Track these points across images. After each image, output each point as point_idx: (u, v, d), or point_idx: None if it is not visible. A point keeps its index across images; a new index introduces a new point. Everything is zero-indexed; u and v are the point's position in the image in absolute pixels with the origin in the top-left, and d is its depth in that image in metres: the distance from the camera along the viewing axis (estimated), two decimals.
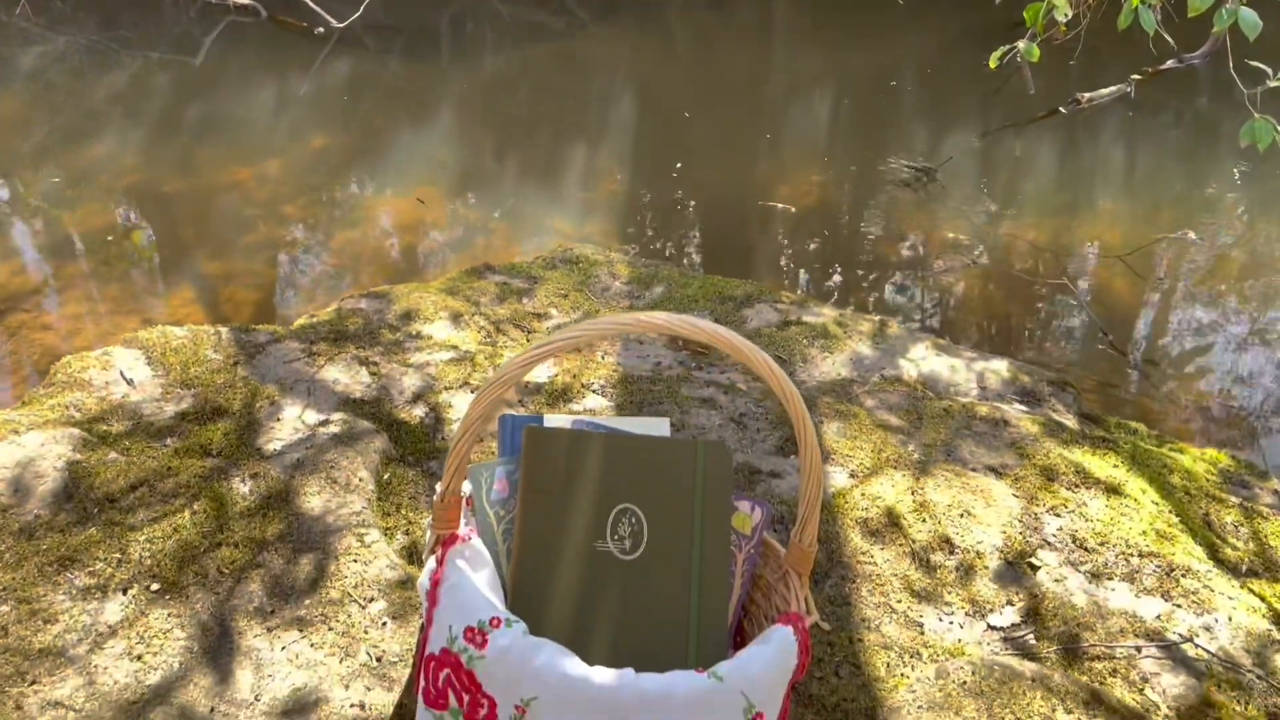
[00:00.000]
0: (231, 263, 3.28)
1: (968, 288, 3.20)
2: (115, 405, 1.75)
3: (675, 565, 1.22)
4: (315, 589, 1.41)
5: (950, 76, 4.77)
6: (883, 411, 2.04)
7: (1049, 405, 2.20)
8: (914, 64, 4.99)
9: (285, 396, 1.84)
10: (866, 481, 1.79)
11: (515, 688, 1.07)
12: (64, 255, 3.36)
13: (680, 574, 1.21)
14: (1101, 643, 1.49)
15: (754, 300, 2.53)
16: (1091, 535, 1.70)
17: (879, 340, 2.36)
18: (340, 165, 3.94)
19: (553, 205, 3.76)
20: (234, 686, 1.26)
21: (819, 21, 5.46)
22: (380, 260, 3.33)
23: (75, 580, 1.37)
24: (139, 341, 1.93)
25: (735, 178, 3.96)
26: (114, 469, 1.56)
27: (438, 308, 2.29)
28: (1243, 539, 1.83)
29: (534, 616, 1.15)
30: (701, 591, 1.21)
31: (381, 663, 1.32)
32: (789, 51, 5.32)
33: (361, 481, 1.64)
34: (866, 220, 3.63)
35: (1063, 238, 3.49)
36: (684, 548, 1.23)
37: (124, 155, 4.00)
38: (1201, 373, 2.90)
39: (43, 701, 1.21)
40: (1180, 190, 3.89)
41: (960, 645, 1.47)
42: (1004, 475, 1.85)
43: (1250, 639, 1.53)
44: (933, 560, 1.62)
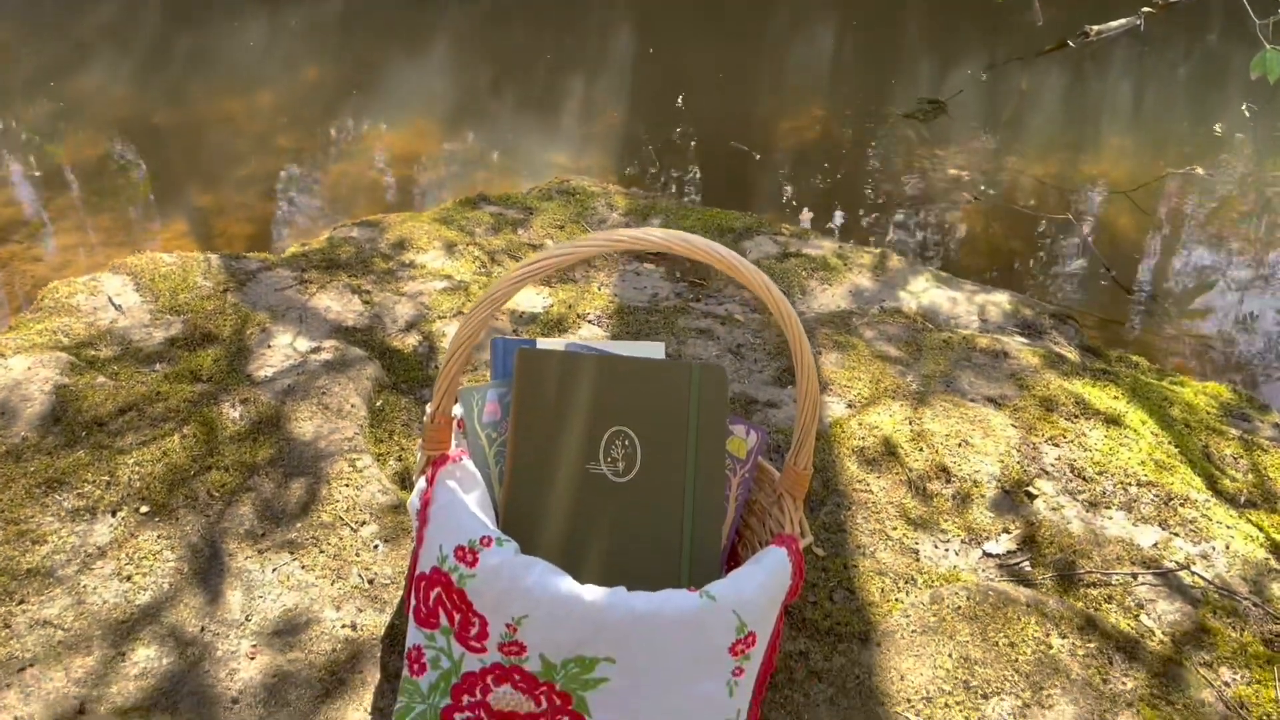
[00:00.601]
0: (224, 195, 3.24)
1: (971, 222, 3.16)
2: (103, 331, 1.72)
3: (669, 488, 1.20)
4: (306, 513, 1.40)
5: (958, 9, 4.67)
6: (882, 343, 2.01)
7: (1050, 338, 2.18)
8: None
9: (276, 324, 1.81)
10: (864, 411, 1.78)
11: (506, 606, 1.05)
12: (55, 187, 3.31)
13: (674, 496, 1.20)
14: (1097, 570, 1.48)
15: (753, 233, 2.49)
16: (1090, 465, 1.69)
17: (879, 272, 2.33)
18: (334, 98, 3.87)
19: (550, 139, 3.70)
20: (224, 607, 1.25)
21: None
22: (374, 193, 3.28)
23: (63, 502, 1.35)
24: (127, 268, 1.90)
25: (737, 111, 3.90)
26: (102, 393, 1.54)
27: (431, 237, 2.25)
28: (1242, 470, 1.81)
29: (525, 537, 1.14)
30: (695, 514, 1.20)
31: (373, 585, 1.31)
32: None
33: (354, 408, 1.62)
34: (870, 154, 3.57)
35: (1068, 173, 3.43)
36: (678, 470, 1.21)
37: (114, 87, 3.93)
38: (1205, 309, 2.87)
39: (31, 620, 1.20)
40: (1188, 126, 3.83)
41: (955, 572, 1.46)
42: (1003, 406, 1.83)
43: (1247, 567, 1.52)
44: (929, 489, 1.61)
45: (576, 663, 1.06)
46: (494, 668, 1.09)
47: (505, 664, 1.08)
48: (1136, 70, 4.25)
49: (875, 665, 1.30)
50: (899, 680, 1.28)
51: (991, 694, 1.27)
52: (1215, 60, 4.42)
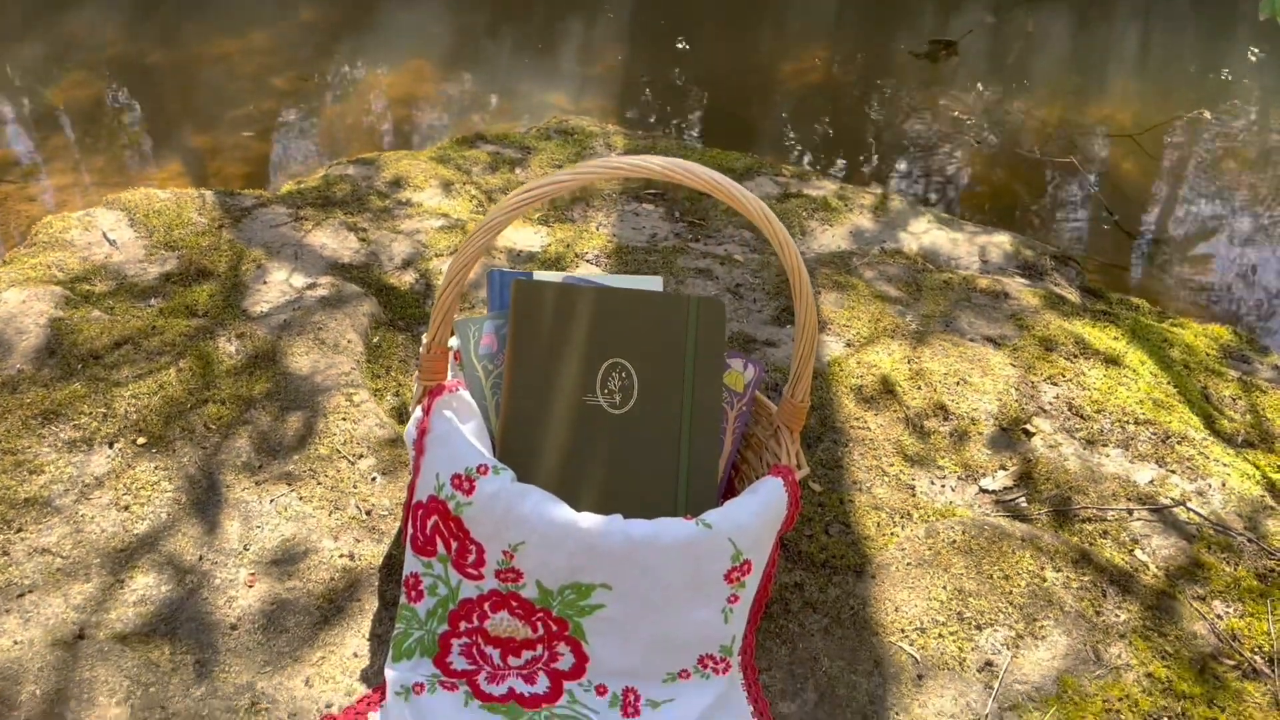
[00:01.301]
0: (219, 135, 3.20)
1: (974, 164, 3.13)
2: (98, 265, 1.71)
3: (665, 419, 1.20)
4: (304, 445, 1.40)
5: None
6: (881, 283, 2.00)
7: (1051, 279, 2.17)
8: None
9: (272, 260, 1.80)
10: (863, 350, 1.77)
11: (503, 533, 1.06)
12: (49, 128, 3.28)
13: (670, 428, 1.20)
14: (1093, 506, 1.49)
15: (754, 173, 2.47)
16: (1088, 403, 1.69)
17: (880, 213, 2.31)
18: (330, 38, 3.81)
19: (549, 81, 3.65)
20: (222, 537, 1.26)
21: None
22: (370, 133, 3.25)
23: (60, 433, 1.35)
24: (121, 203, 1.88)
25: (742, 53, 3.84)
26: (97, 326, 1.53)
27: (428, 175, 2.23)
28: (1240, 411, 1.81)
29: (522, 466, 1.14)
30: (692, 445, 1.20)
31: (371, 516, 1.32)
32: None
33: (350, 343, 1.61)
34: (874, 97, 3.53)
35: (1073, 116, 3.40)
36: (675, 402, 1.21)
37: (107, 28, 3.87)
38: (1209, 254, 2.86)
39: (30, 548, 1.21)
40: (1195, 71, 3.78)
41: (951, 507, 1.46)
42: (1002, 346, 1.83)
43: (1242, 504, 1.52)
44: (926, 426, 1.61)
45: (573, 589, 1.06)
46: (491, 594, 1.09)
47: (502, 591, 1.09)
48: (1143, 14, 4.18)
49: (870, 597, 1.30)
50: (893, 611, 1.29)
51: (985, 625, 1.28)
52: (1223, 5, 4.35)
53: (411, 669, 1.09)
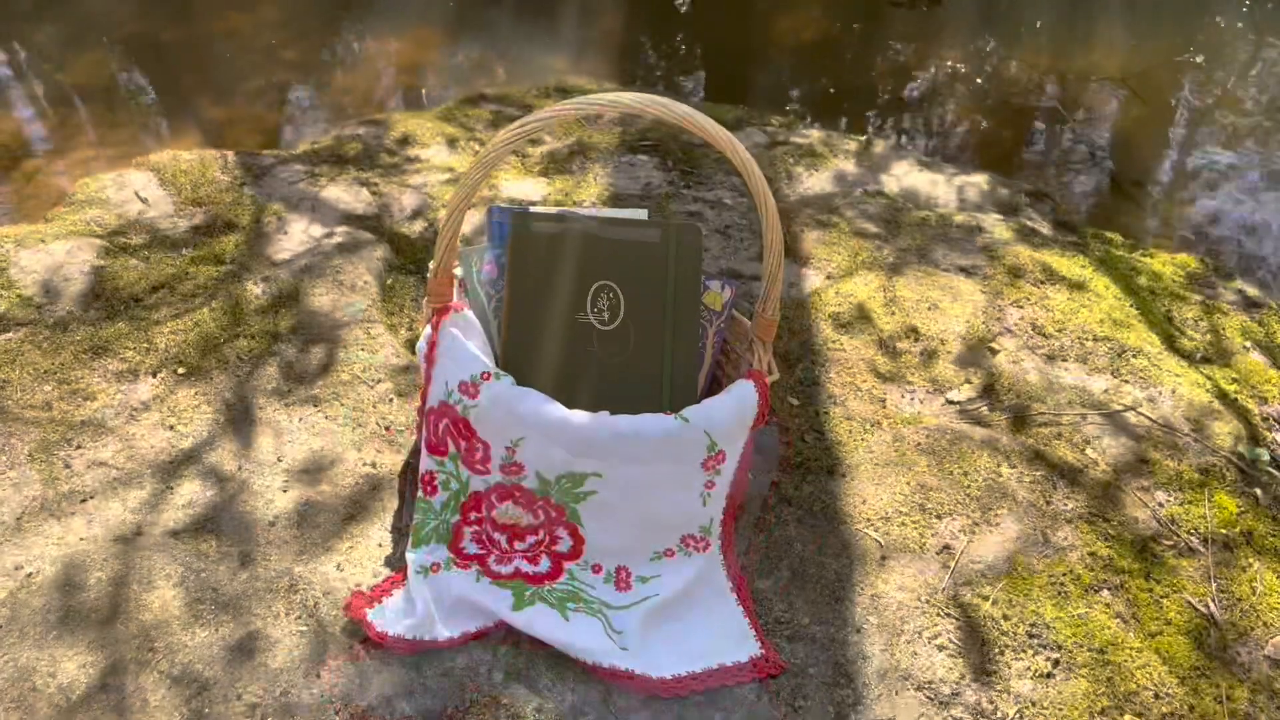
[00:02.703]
0: (233, 107, 3.34)
1: (959, 110, 3.23)
2: (132, 221, 1.86)
3: (650, 332, 1.34)
4: (327, 372, 1.55)
5: None
6: (862, 221, 2.13)
7: (1025, 214, 2.29)
8: None
9: (291, 213, 1.94)
10: (841, 282, 1.90)
11: (505, 430, 1.20)
12: (69, 105, 3.42)
13: (654, 340, 1.34)
14: (1049, 411, 1.62)
15: (744, 124, 2.59)
16: (1050, 324, 1.81)
17: (863, 158, 2.43)
18: (337, 9, 3.93)
19: (549, 45, 3.77)
20: (257, 450, 1.41)
21: None
22: (378, 100, 3.37)
23: (108, 366, 1.50)
24: (150, 164, 2.02)
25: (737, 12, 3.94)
26: (136, 273, 1.68)
27: (433, 133, 2.36)
28: (1200, 331, 1.93)
29: (521, 375, 1.28)
30: (674, 355, 1.34)
31: (390, 430, 1.46)
32: None
33: (366, 284, 1.75)
34: (865, 49, 3.63)
35: (1060, 63, 3.49)
36: (657, 318, 1.34)
37: (119, 7, 4.00)
38: (1187, 196, 2.96)
39: (88, 461, 1.36)
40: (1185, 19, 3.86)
41: (918, 416, 1.60)
42: (973, 275, 1.95)
43: (1191, 409, 1.65)
44: (898, 347, 1.74)
45: (568, 478, 1.21)
46: (497, 487, 1.24)
47: (507, 483, 1.23)
48: None
49: (840, 492, 1.44)
50: (861, 504, 1.43)
51: (944, 514, 1.42)
52: None
53: (429, 553, 1.24)
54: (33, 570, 1.21)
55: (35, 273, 1.65)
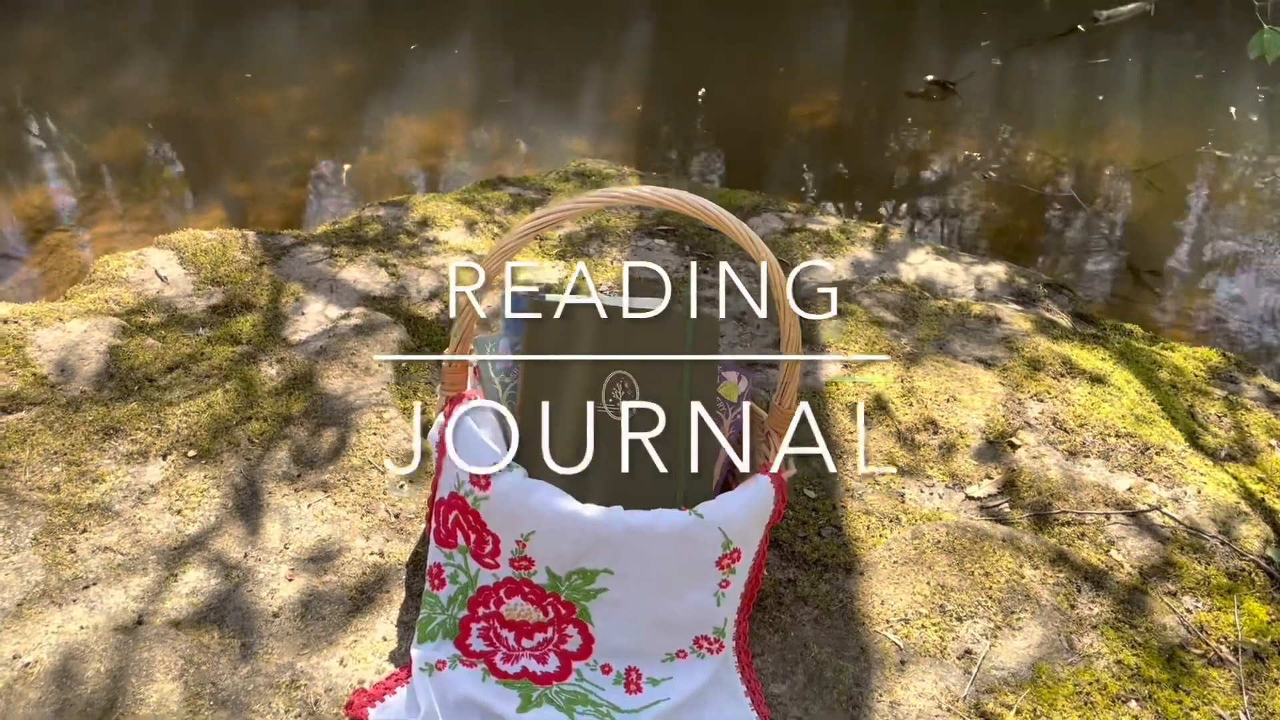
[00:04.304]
0: (257, 184, 3.39)
1: (976, 200, 3.25)
2: (151, 299, 1.86)
3: (665, 426, 1.32)
4: (338, 457, 1.53)
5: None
6: (879, 309, 2.12)
7: (1043, 305, 2.28)
8: None
9: (309, 293, 1.95)
10: (858, 371, 1.88)
11: (515, 524, 1.18)
12: (97, 179, 3.48)
13: (669, 433, 1.31)
14: (1072, 510, 1.58)
15: (761, 210, 2.60)
16: (1071, 418, 1.79)
17: (880, 246, 2.44)
18: (362, 90, 4.02)
19: (570, 127, 3.83)
20: (264, 537, 1.38)
21: None
22: (400, 179, 3.42)
23: (119, 447, 1.49)
24: (171, 243, 2.04)
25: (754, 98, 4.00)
26: (151, 353, 1.68)
27: (453, 216, 2.38)
28: (1224, 428, 1.90)
29: (533, 466, 1.26)
30: (688, 449, 1.31)
31: (399, 519, 1.44)
32: None
33: (380, 367, 1.75)
34: (881, 136, 3.67)
35: (1077, 154, 3.51)
36: (673, 410, 1.32)
37: (151, 84, 4.10)
38: (1207, 286, 2.95)
39: (93, 546, 1.34)
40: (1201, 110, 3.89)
41: (938, 512, 1.57)
42: (992, 366, 1.93)
43: (1217, 510, 1.61)
44: (917, 439, 1.72)
45: (579, 574, 1.18)
46: (506, 582, 1.21)
47: (516, 578, 1.21)
48: (1147, 54, 4.31)
49: (858, 591, 1.41)
50: (879, 604, 1.39)
51: (965, 617, 1.38)
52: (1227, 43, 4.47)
53: (435, 649, 1.21)
54: (30, 660, 1.19)
55: (51, 351, 1.65)
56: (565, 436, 1.29)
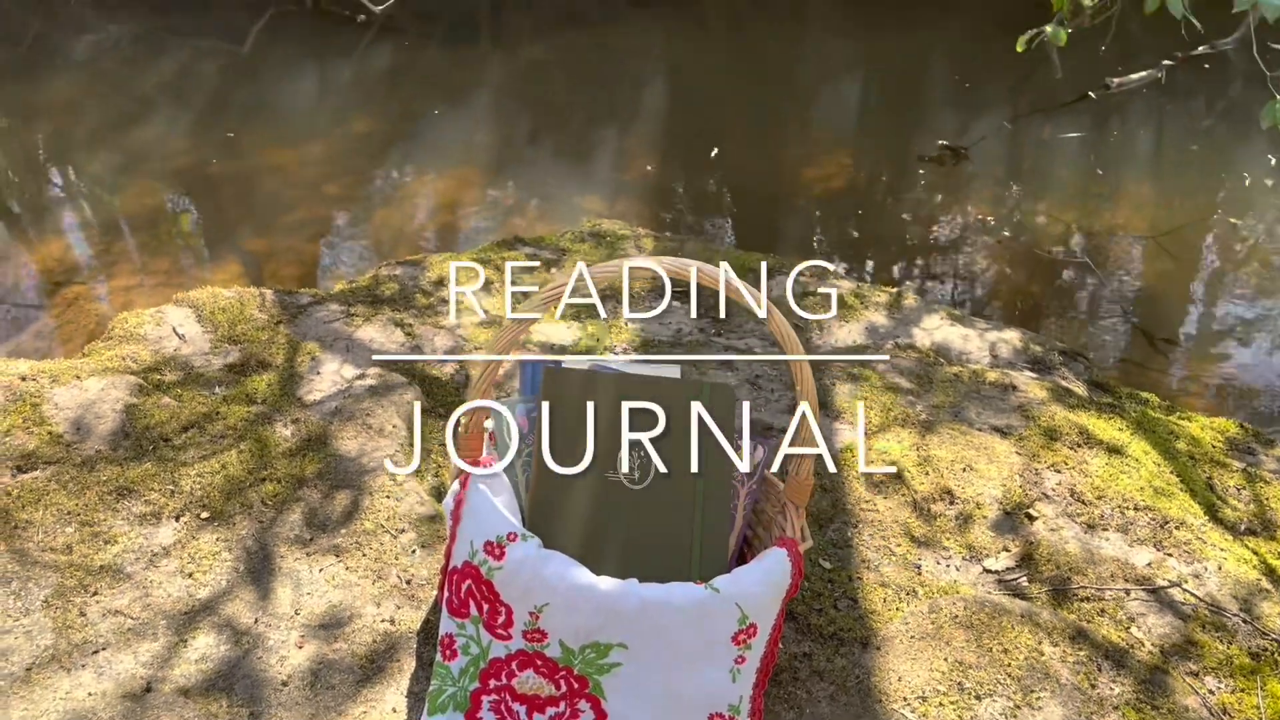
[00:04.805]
0: (274, 239, 3.42)
1: (989, 264, 3.26)
2: (168, 357, 1.87)
3: (680, 494, 1.31)
4: (350, 520, 1.52)
5: (980, 61, 4.81)
6: (894, 375, 2.11)
7: (1059, 373, 2.27)
8: (944, 49, 5.03)
9: (325, 353, 1.96)
10: (874, 438, 1.87)
11: (529, 595, 1.17)
12: (116, 232, 3.52)
13: (684, 502, 1.31)
14: (1091, 586, 1.56)
15: (775, 273, 2.61)
16: (1089, 490, 1.77)
17: (894, 311, 2.44)
18: (380, 148, 4.06)
19: (585, 186, 3.86)
20: (275, 602, 1.37)
21: (851, 8, 5.51)
22: (417, 236, 3.45)
23: (132, 508, 1.49)
24: (189, 301, 2.05)
25: (765, 159, 4.04)
26: (167, 412, 1.68)
27: (469, 275, 2.40)
28: (1243, 501, 1.88)
29: (548, 535, 1.25)
30: (704, 519, 1.30)
31: (410, 585, 1.43)
32: (821, 38, 5.37)
33: (394, 428, 1.75)
34: (893, 199, 3.69)
35: (1090, 220, 3.53)
36: (688, 478, 1.32)
37: (172, 139, 4.15)
38: (1222, 354, 2.94)
39: (103, 610, 1.33)
40: (1213, 177, 3.91)
41: (955, 585, 1.55)
42: (1008, 435, 1.92)
43: (1239, 587, 1.59)
44: (933, 509, 1.70)
45: (593, 648, 1.16)
46: (518, 654, 1.20)
47: (529, 650, 1.19)
48: (1158, 120, 4.34)
49: (874, 667, 1.38)
50: (896, 681, 1.37)
51: (984, 695, 1.35)
52: (1239, 112, 4.50)
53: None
54: None
55: (68, 409, 1.65)
56: (580, 504, 1.29)
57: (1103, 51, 4.38)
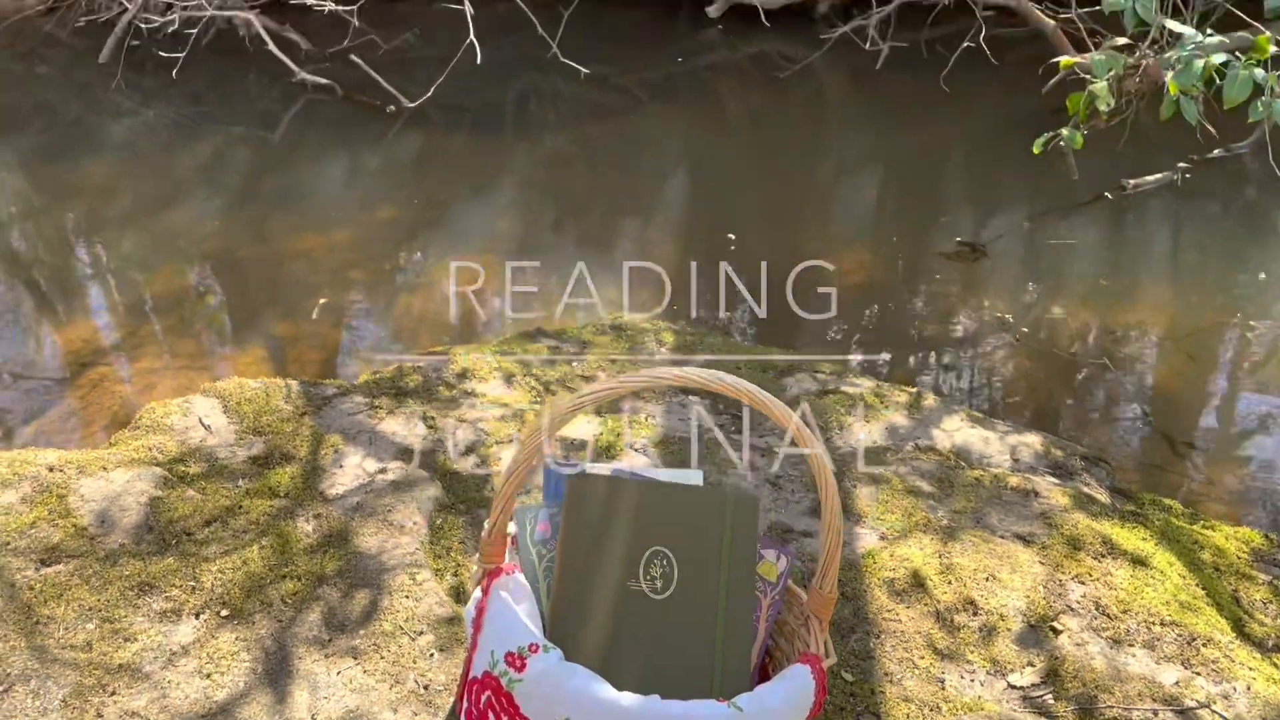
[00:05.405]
0: (299, 324, 3.46)
1: (1008, 365, 3.26)
2: (194, 448, 1.89)
3: (702, 607, 1.30)
4: (369, 621, 1.52)
5: (997, 160, 4.88)
6: (915, 478, 2.11)
7: (1080, 479, 2.26)
8: (962, 147, 5.11)
9: (348, 445, 1.97)
10: (895, 544, 1.86)
11: (550, 709, 1.15)
12: (143, 314, 3.57)
13: (707, 615, 1.30)
14: (1118, 705, 1.53)
15: (794, 370, 2.62)
16: (1115, 603, 1.75)
17: (914, 411, 2.44)
18: (406, 234, 4.13)
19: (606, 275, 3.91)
20: (292, 706, 1.36)
21: (870, 104, 5.62)
22: (439, 324, 3.49)
23: (153, 604, 1.49)
24: (216, 391, 2.08)
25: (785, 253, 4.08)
26: (190, 505, 1.69)
27: (491, 368, 2.42)
28: (1270, 615, 1.86)
29: (570, 646, 1.24)
30: (726, 631, 1.30)
31: (428, 690, 1.42)
32: (839, 132, 5.48)
33: (415, 525, 1.75)
34: (912, 296, 3.72)
35: (1108, 319, 3.54)
36: (711, 591, 1.31)
37: (203, 222, 4.24)
38: (1244, 458, 2.92)
39: (120, 711, 1.32)
40: (1231, 278, 3.92)
41: (979, 701, 1.52)
42: (1031, 543, 1.91)
43: (1269, 708, 1.56)
44: (956, 620, 1.68)
45: None
46: None
47: None
48: (1175, 221, 4.38)
49: None
50: None
51: None
52: (1255, 213, 4.54)
53: None
54: None
55: (93, 501, 1.66)
56: (602, 614, 1.28)
57: (1119, 150, 4.45)
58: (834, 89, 5.95)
